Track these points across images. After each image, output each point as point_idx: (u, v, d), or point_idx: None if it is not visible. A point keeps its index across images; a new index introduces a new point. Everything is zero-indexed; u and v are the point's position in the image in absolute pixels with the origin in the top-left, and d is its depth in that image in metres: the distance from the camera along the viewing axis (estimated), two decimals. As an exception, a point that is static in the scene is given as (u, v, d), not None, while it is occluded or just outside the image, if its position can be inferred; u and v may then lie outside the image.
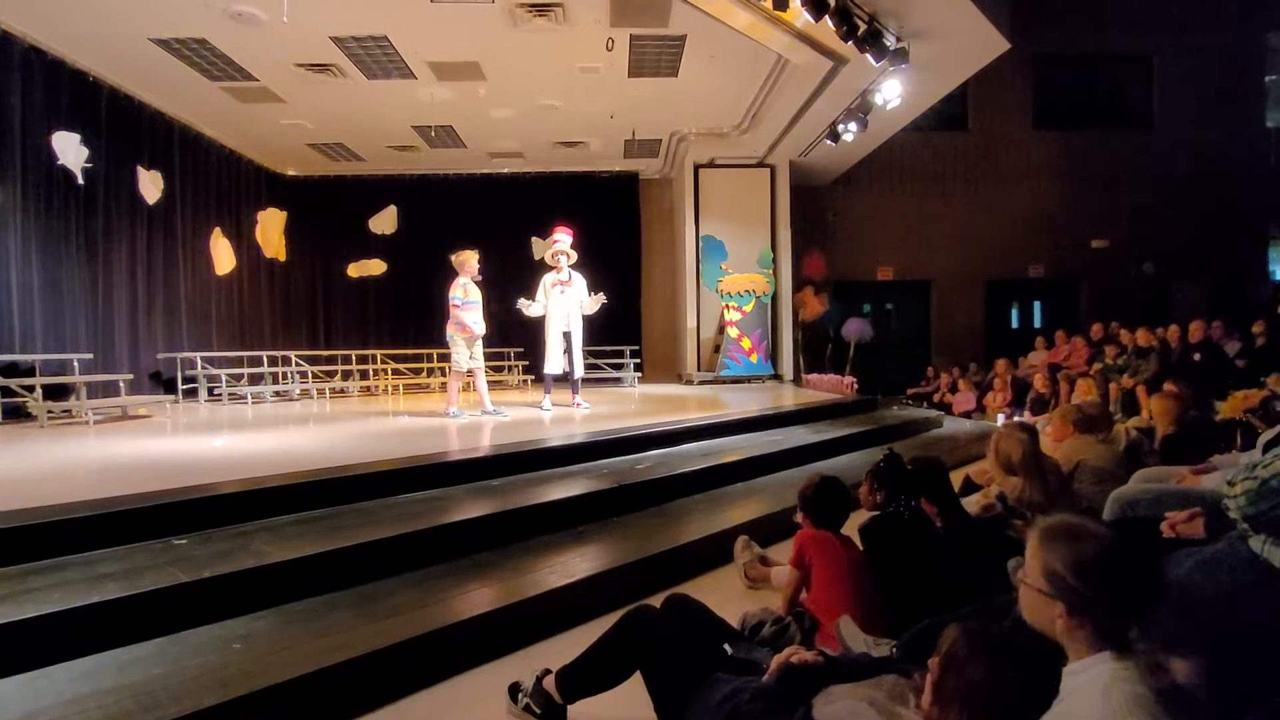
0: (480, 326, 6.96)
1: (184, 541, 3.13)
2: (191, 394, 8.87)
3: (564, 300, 7.42)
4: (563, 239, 7.50)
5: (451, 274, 7.01)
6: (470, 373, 7.06)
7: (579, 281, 7.53)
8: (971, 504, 3.36)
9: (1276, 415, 3.89)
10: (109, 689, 2.18)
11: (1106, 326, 9.70)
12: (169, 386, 8.81)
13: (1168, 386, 5.33)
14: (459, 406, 6.98)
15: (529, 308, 7.46)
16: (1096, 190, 12.77)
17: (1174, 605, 1.79)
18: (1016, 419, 7.44)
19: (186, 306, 9.40)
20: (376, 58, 7.89)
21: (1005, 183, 12.89)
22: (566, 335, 7.45)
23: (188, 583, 2.69)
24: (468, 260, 7.01)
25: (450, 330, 6.93)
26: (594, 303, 7.54)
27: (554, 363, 7.51)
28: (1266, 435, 2.01)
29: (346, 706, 2.37)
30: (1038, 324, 13.35)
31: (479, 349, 7.06)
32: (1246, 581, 1.78)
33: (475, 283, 6.99)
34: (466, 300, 6.87)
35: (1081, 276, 13.05)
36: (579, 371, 7.61)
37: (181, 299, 9.31)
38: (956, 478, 3.93)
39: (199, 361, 8.85)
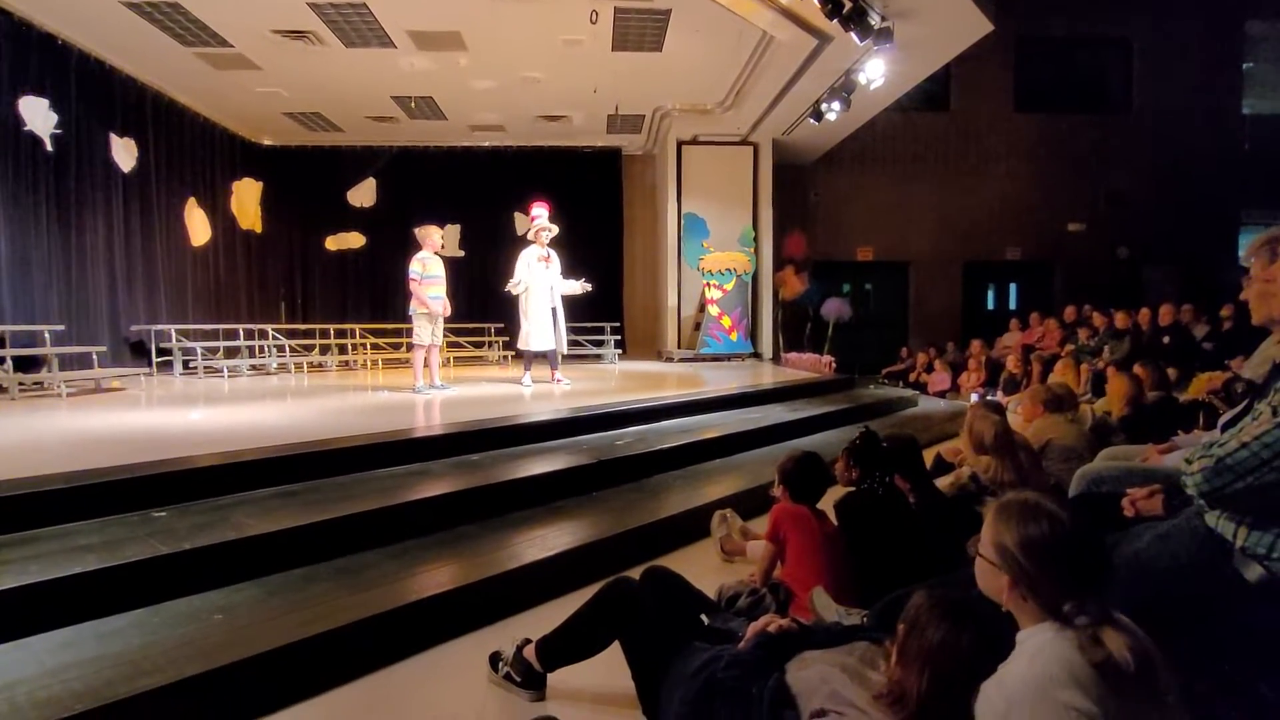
0: (440, 304, 6.84)
1: (163, 514, 3.13)
2: (167, 367, 8.75)
3: (547, 275, 7.36)
4: (542, 213, 7.45)
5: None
6: (428, 348, 6.98)
7: (555, 258, 7.50)
8: (944, 482, 3.43)
9: (1237, 397, 4.00)
10: (90, 659, 2.19)
11: (1079, 309, 9.85)
12: (146, 359, 8.69)
13: (1136, 368, 5.45)
14: (424, 381, 6.95)
15: (518, 286, 7.35)
16: (1074, 173, 12.89)
17: (1131, 577, 1.87)
18: (989, 398, 7.58)
19: (162, 278, 9.23)
20: (355, 25, 7.73)
21: (985, 164, 12.97)
22: (554, 311, 7.36)
23: (168, 554, 2.69)
24: (430, 234, 6.94)
25: (413, 305, 6.84)
26: (576, 287, 7.51)
27: (543, 339, 7.29)
28: (1226, 416, 2.07)
29: (327, 677, 2.40)
30: (1013, 306, 13.52)
31: (440, 326, 6.99)
32: (1201, 555, 1.85)
33: (441, 258, 6.93)
34: (426, 275, 6.78)
35: (1056, 259, 13.21)
36: (564, 347, 7.55)
37: (158, 270, 9.14)
38: (929, 456, 4.02)
39: (173, 334, 8.71)
